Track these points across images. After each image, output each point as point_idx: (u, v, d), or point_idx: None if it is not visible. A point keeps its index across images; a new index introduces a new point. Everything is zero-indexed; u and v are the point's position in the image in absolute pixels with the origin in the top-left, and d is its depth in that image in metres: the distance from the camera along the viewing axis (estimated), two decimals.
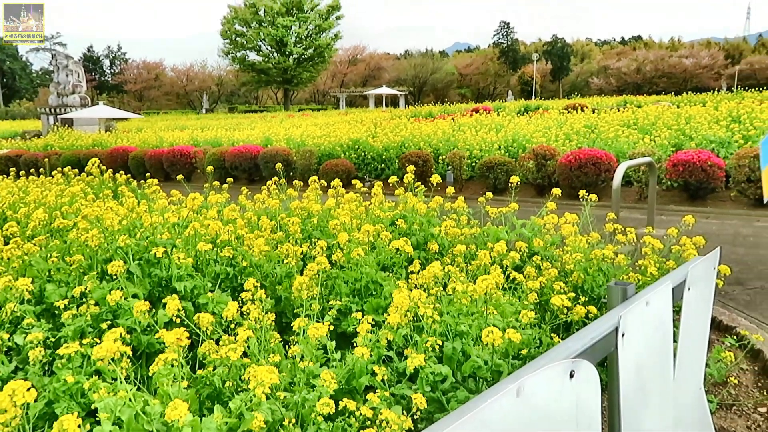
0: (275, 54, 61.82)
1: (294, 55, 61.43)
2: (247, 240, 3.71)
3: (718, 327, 4.33)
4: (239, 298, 2.68)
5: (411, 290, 2.75)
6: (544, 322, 3.05)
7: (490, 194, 4.73)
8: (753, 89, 37.68)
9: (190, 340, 2.02)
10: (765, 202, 3.36)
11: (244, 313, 2.59)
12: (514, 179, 4.71)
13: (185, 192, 5.12)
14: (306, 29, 61.76)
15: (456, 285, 2.82)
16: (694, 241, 3.72)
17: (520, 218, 4.29)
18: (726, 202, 9.81)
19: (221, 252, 3.44)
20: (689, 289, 1.73)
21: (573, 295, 3.27)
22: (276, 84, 65.59)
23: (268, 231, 4.00)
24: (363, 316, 2.47)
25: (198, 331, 2.38)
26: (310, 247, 3.60)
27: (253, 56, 62.88)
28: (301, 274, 3.15)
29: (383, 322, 2.45)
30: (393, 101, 66.34)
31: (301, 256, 3.61)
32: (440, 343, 2.39)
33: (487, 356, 2.41)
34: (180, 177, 6.67)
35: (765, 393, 3.30)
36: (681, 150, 10.83)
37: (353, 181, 5.30)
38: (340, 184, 5.04)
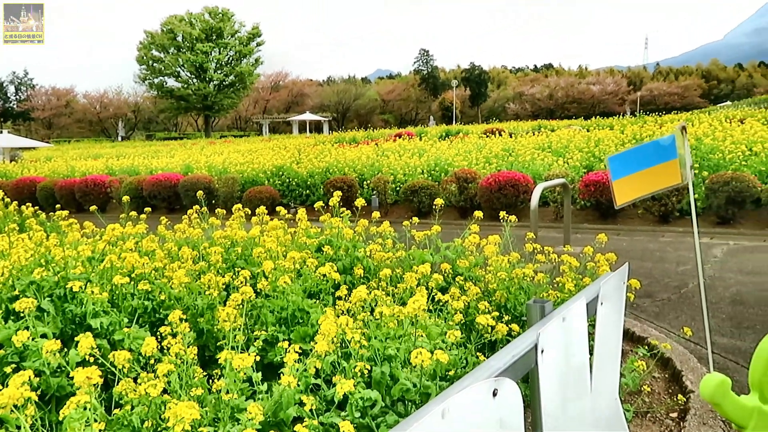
0: (195, 80, 60.65)
1: (214, 82, 60.51)
2: (167, 272, 3.58)
3: (631, 338, 4.56)
4: (158, 333, 2.57)
5: (338, 316, 2.73)
6: (469, 342, 3.11)
7: (415, 218, 4.80)
8: (653, 113, 40.46)
9: (103, 379, 1.91)
10: (617, 208, 3.67)
11: (165, 348, 2.48)
12: (438, 202, 4.80)
13: (100, 224, 4.88)
14: (226, 55, 61.05)
15: (383, 309, 2.82)
16: (607, 258, 3.91)
17: (444, 240, 4.37)
18: (634, 219, 10.41)
19: (139, 285, 3.30)
20: (602, 303, 1.82)
21: (497, 313, 3.35)
22: (196, 110, 64.26)
23: (190, 262, 3.88)
24: (290, 345, 2.43)
25: (114, 369, 2.26)
26: (234, 276, 3.51)
27: (171, 82, 61.40)
28: (225, 304, 3.06)
29: (311, 350, 2.41)
30: (317, 127, 66.44)
31: (225, 286, 3.51)
32: (369, 368, 2.39)
33: (416, 379, 2.43)
34: (93, 208, 6.35)
35: (675, 399, 3.49)
36: (592, 171, 11.45)
37: (278, 208, 5.24)
38: (265, 211, 4.97)
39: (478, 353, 3.05)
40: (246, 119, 79.45)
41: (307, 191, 14.34)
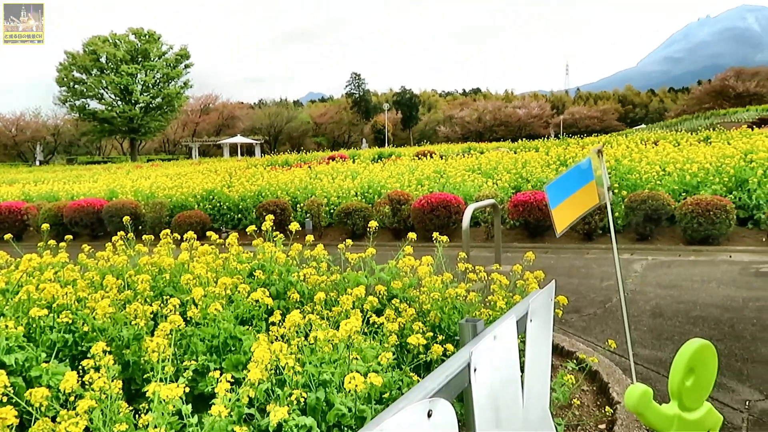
0: (120, 102, 58.66)
1: (140, 104, 58.75)
2: (90, 302, 3.41)
3: (560, 353, 4.70)
4: (80, 367, 2.43)
5: (272, 342, 2.68)
6: (405, 364, 3.12)
7: (349, 240, 4.79)
8: (576, 136, 42.43)
9: (18, 420, 1.79)
10: (558, 236, 3.86)
11: (87, 383, 2.35)
12: (372, 224, 4.82)
13: (15, 253, 4.60)
14: (153, 77, 59.45)
15: (318, 333, 2.79)
16: (536, 275, 4.04)
17: (379, 262, 4.38)
18: (561, 238, 10.81)
19: (59, 317, 3.12)
20: (531, 320, 1.87)
21: (431, 334, 3.39)
22: (121, 133, 62.05)
23: (114, 291, 3.71)
24: (222, 374, 2.36)
25: (30, 409, 2.12)
26: (162, 305, 3.38)
27: (94, 104, 59.08)
28: (153, 334, 2.94)
29: (244, 378, 2.35)
30: (248, 150, 65.58)
31: (152, 315, 3.38)
32: (304, 395, 2.35)
33: (351, 403, 2.41)
34: (8, 237, 5.99)
35: (603, 410, 3.62)
36: (520, 192, 11.84)
37: (208, 233, 5.11)
38: (195, 236, 4.82)
39: (413, 375, 3.06)
40: (175, 142, 77.40)
41: (239, 215, 14.08)
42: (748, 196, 10.53)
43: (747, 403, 3.87)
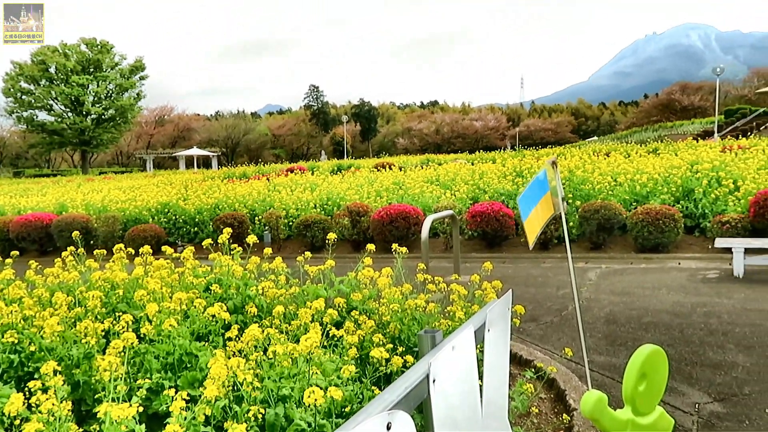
0: (70, 114, 56.92)
1: (92, 116, 57.13)
2: (38, 320, 3.28)
3: (519, 361, 4.76)
4: (26, 389, 2.33)
5: (229, 358, 2.63)
6: (365, 376, 3.10)
7: (308, 253, 4.75)
8: (531, 148, 43.32)
9: None
10: (530, 248, 3.94)
11: (34, 405, 2.25)
12: (331, 236, 4.80)
13: None
14: (106, 88, 58.00)
15: (277, 347, 2.75)
16: (494, 285, 4.08)
17: (338, 274, 4.36)
18: (518, 248, 10.99)
19: (3, 337, 2.99)
20: (489, 330, 1.89)
21: (391, 346, 3.38)
22: (72, 146, 60.14)
23: (64, 308, 3.58)
24: (177, 392, 2.29)
25: None
26: (115, 322, 3.28)
27: (43, 116, 57.16)
28: (104, 353, 2.85)
29: (200, 396, 2.30)
30: (205, 162, 64.56)
31: (104, 333, 3.27)
32: (262, 411, 2.31)
33: (311, 418, 2.38)
34: None
35: (560, 418, 3.68)
36: (478, 203, 11.99)
37: (164, 247, 4.99)
38: (149, 250, 4.70)
39: (373, 387, 3.05)
40: (128, 155, 75.58)
41: (196, 228, 13.83)
42: (694, 205, 10.94)
43: (696, 406, 3.99)
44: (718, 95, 48.48)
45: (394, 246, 4.64)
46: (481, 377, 1.85)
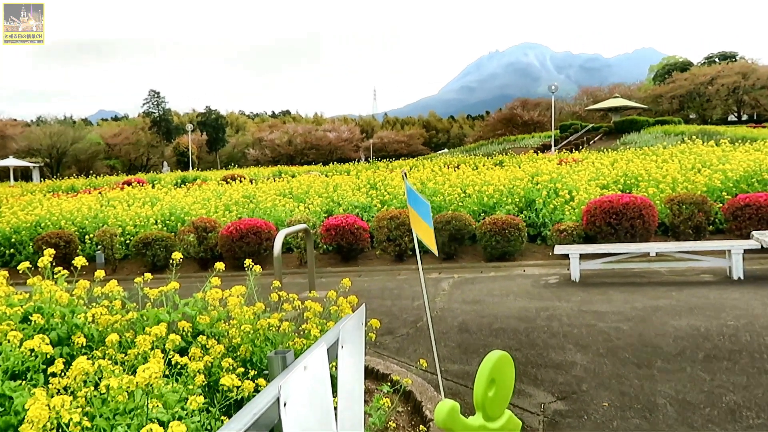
0: None
1: None
2: None
3: (376, 376, 4.85)
4: None
5: (52, 396, 2.38)
6: (213, 405, 2.97)
7: (148, 274, 4.47)
8: (385, 159, 44.71)
9: None
10: (438, 254, 4.17)
11: None
12: (176, 255, 4.56)
13: None
14: None
15: (110, 380, 2.55)
16: (349, 300, 4.13)
17: (184, 296, 4.15)
18: (373, 260, 11.25)
19: None
20: (342, 347, 1.90)
21: (242, 370, 3.28)
22: None
23: None
24: None
25: None
26: None
27: None
28: None
29: None
30: (24, 174, 58.48)
31: None
32: None
33: None
34: None
35: (417, 429, 3.80)
36: (332, 215, 12.10)
37: None
38: None
39: (223, 417, 2.93)
40: None
41: (12, 250, 12.46)
42: (536, 215, 11.96)
43: (542, 406, 4.33)
44: (554, 111, 53.60)
45: (247, 262, 4.53)
46: (336, 396, 1.85)
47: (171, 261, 4.40)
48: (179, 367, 3.07)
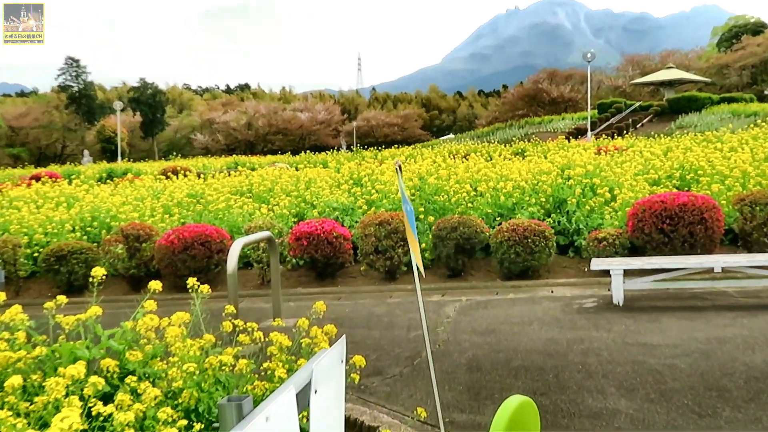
0: None
1: None
2: None
3: (360, 429, 4.84)
4: None
5: None
6: None
7: (62, 297, 4.45)
8: (373, 147, 44.84)
9: None
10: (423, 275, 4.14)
11: None
12: (99, 272, 4.53)
13: None
14: None
15: None
16: (326, 331, 4.12)
17: (109, 326, 4.13)
18: (357, 279, 11.24)
19: None
20: (316, 391, 1.89)
21: (185, 422, 3.26)
22: None
23: None
24: None
25: None
26: None
27: None
28: None
29: None
30: None
31: None
32: None
33: None
34: None
35: None
36: (304, 220, 12.08)
37: None
38: None
39: None
40: None
41: None
42: (567, 219, 11.97)
43: None
44: (590, 86, 53.94)
45: (191, 281, 4.50)
46: None
47: (91, 279, 4.38)
48: (102, 419, 3.06)
